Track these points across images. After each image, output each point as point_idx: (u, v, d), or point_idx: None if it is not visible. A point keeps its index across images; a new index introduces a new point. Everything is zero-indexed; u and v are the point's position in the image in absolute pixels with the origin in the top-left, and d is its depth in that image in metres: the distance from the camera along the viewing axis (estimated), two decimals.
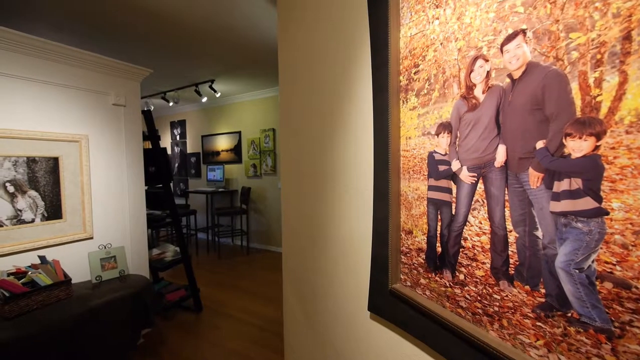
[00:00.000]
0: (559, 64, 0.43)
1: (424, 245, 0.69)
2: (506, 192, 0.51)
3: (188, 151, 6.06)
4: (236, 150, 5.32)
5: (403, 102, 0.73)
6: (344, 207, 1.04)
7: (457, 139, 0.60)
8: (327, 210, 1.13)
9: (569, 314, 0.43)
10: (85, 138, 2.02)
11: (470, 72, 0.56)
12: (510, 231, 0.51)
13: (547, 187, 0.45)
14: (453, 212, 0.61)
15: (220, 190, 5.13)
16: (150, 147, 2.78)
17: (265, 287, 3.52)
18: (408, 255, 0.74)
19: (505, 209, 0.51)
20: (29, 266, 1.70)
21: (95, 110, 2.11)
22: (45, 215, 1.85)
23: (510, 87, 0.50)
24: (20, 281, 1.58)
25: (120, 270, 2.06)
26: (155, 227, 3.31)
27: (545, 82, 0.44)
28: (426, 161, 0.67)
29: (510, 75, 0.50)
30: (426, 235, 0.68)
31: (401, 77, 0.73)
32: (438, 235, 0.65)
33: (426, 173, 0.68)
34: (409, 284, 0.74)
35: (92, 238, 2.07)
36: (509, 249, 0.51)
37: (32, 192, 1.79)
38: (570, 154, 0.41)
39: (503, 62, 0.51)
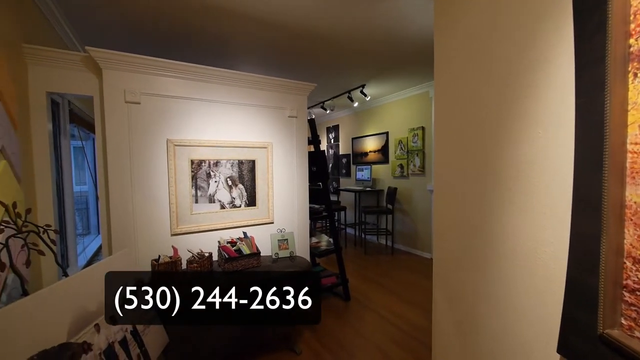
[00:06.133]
0: None
1: None
2: None
3: (340, 153, 6.70)
4: (383, 150, 5.41)
5: (634, 75, 0.52)
6: (523, 217, 0.86)
7: None
8: (497, 218, 0.96)
9: None
10: (270, 145, 2.60)
11: None
12: None
13: None
14: None
15: (367, 189, 5.37)
16: (313, 150, 3.25)
17: (409, 290, 3.41)
18: (639, 293, 0.52)
19: None
20: (238, 238, 2.35)
21: (277, 122, 2.67)
22: (247, 202, 2.51)
23: None
24: (233, 248, 2.22)
25: (291, 251, 2.52)
26: (313, 218, 3.83)
27: None
28: None
29: None
30: None
31: (632, 40, 0.52)
32: None
33: None
34: (638, 334, 0.52)
35: (272, 223, 2.65)
36: None
37: (240, 186, 2.48)
38: None
39: None
